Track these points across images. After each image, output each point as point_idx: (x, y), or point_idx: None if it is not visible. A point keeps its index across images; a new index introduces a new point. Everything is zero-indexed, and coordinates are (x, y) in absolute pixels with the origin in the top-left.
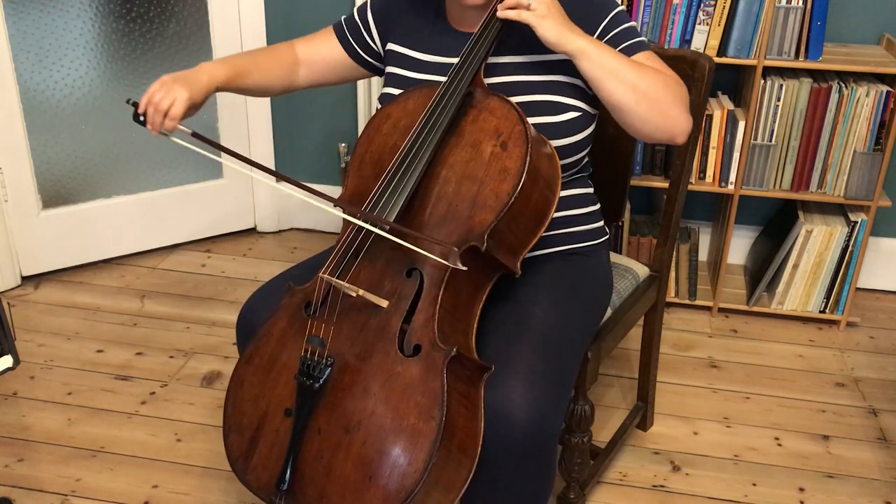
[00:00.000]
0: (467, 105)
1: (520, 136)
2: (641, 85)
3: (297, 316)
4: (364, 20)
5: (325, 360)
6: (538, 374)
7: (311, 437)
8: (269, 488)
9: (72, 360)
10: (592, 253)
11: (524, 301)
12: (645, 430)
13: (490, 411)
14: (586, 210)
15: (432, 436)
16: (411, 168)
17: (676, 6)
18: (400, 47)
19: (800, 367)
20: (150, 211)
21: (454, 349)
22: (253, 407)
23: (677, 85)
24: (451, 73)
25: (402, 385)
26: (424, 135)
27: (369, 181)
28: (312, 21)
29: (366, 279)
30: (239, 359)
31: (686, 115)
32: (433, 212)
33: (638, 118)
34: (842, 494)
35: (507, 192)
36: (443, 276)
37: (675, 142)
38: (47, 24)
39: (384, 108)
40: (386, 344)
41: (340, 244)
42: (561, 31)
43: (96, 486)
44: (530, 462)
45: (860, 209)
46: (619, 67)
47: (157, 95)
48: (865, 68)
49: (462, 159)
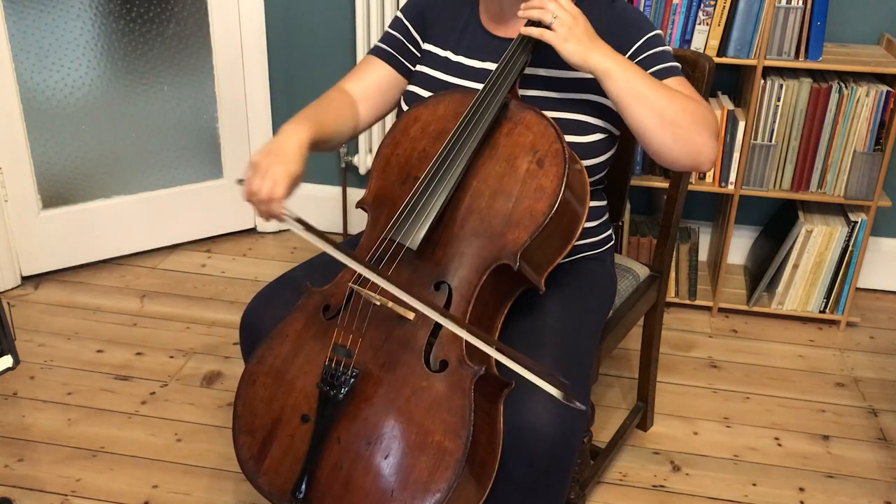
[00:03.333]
0: (502, 116)
1: (557, 155)
2: (669, 111)
3: (315, 318)
4: (401, 29)
5: (350, 371)
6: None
7: (330, 446)
8: (283, 493)
9: (72, 360)
10: (599, 257)
11: (535, 310)
12: (645, 430)
13: (516, 428)
14: (598, 222)
15: (458, 454)
16: (445, 179)
17: (676, 6)
18: (435, 48)
19: (800, 367)
20: (150, 211)
21: (483, 368)
22: (266, 408)
23: (707, 112)
24: (490, 79)
25: (428, 401)
26: (459, 145)
27: (395, 185)
28: (312, 21)
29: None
30: (251, 357)
31: (713, 143)
32: (464, 225)
33: (663, 144)
34: (842, 494)
35: (542, 213)
36: (473, 291)
37: (699, 170)
38: (47, 24)
39: (412, 110)
40: (412, 357)
41: (370, 252)
42: (585, 52)
43: (96, 486)
44: (552, 473)
45: (860, 209)
46: (646, 91)
47: (255, 183)
48: (865, 68)
49: (496, 173)
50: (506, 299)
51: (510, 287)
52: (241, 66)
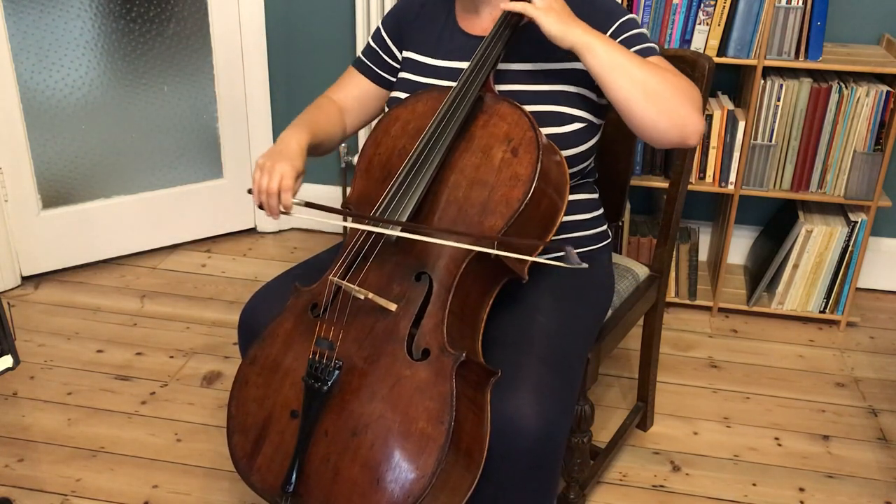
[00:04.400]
0: (477, 110)
1: (531, 143)
2: (651, 83)
3: (303, 317)
4: (379, 41)
5: (333, 363)
6: (546, 384)
7: (317, 439)
8: (274, 489)
9: (72, 360)
10: (595, 256)
11: (528, 306)
12: (645, 430)
13: (500, 423)
14: (591, 215)
15: (441, 440)
16: (422, 172)
17: (676, 6)
18: (414, 54)
19: (800, 367)
20: (150, 211)
21: (463, 354)
22: (258, 407)
23: (689, 86)
24: (463, 75)
25: (410, 389)
26: (435, 138)
27: (377, 184)
28: (312, 21)
29: (374, 282)
30: (243, 359)
31: (699, 116)
32: (443, 216)
33: (648, 117)
34: (842, 494)
35: (517, 199)
36: (452, 280)
37: (686, 143)
38: (47, 24)
39: (392, 110)
40: (394, 347)
41: (350, 246)
42: (565, 25)
43: (96, 486)
44: (538, 470)
45: (860, 209)
46: (627, 64)
47: (264, 181)
48: (865, 68)
49: (472, 164)
50: (489, 289)
51: (492, 276)
52: (241, 66)
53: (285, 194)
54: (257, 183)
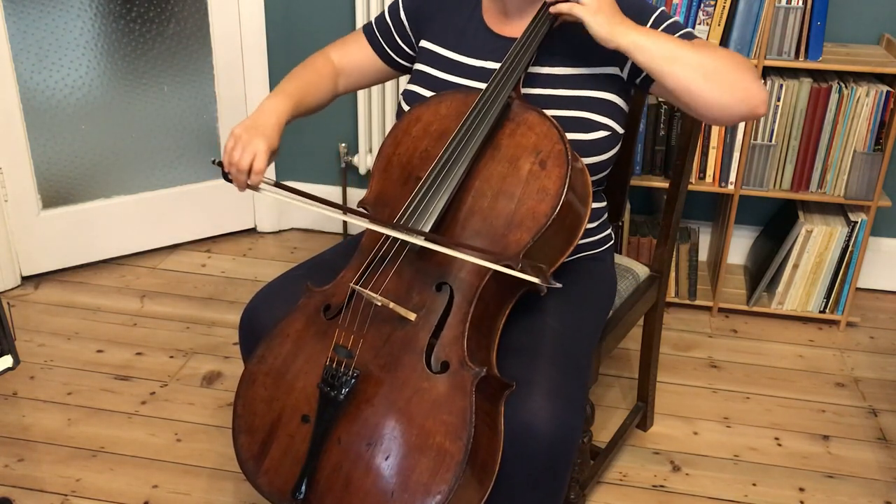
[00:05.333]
0: (504, 117)
1: (559, 156)
2: (707, 62)
3: (315, 318)
4: (396, 19)
5: (351, 372)
6: (559, 388)
7: (330, 446)
8: (283, 494)
9: (72, 360)
10: (599, 257)
11: (535, 310)
12: (645, 430)
13: (514, 428)
14: (598, 222)
15: (459, 456)
16: (448, 180)
17: (676, 6)
18: (434, 45)
19: (800, 367)
20: (150, 211)
21: (484, 370)
22: (266, 408)
23: (742, 58)
24: (493, 79)
25: (428, 402)
26: (462, 145)
27: (396, 185)
28: (312, 21)
29: (392, 289)
30: (251, 357)
31: (759, 83)
32: (466, 225)
33: (713, 97)
34: (842, 494)
35: (544, 214)
36: (474, 293)
37: (756, 114)
38: (47, 24)
39: (414, 109)
40: (413, 358)
41: (372, 252)
42: (612, 27)
43: (96, 486)
44: (550, 473)
45: (860, 209)
46: (678, 52)
47: (236, 154)
48: (865, 68)
49: (498, 174)
50: (507, 301)
51: (511, 288)
52: (241, 66)
53: (255, 176)
54: (228, 154)
